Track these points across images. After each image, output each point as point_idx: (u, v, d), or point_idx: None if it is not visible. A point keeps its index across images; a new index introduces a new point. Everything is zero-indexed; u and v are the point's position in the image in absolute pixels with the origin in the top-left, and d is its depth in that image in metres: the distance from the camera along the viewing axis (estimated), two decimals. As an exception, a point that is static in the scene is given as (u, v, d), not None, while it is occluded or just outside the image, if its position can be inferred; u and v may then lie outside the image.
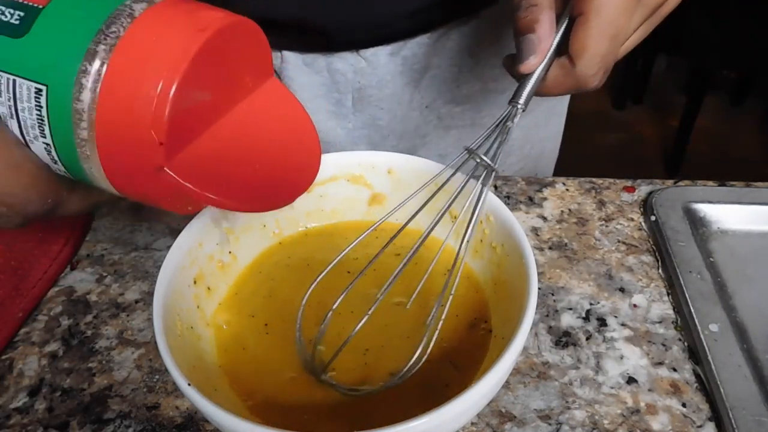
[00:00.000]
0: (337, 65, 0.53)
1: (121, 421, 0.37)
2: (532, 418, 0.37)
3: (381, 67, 0.54)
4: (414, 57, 0.54)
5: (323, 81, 0.55)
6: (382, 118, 0.57)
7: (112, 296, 0.45)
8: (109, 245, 0.49)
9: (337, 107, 0.56)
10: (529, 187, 0.53)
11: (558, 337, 0.41)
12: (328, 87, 0.55)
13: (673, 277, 0.44)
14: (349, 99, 0.56)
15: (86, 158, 0.27)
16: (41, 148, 0.28)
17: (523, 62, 0.35)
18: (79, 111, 0.26)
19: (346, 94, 0.55)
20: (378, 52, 0.53)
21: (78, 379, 0.40)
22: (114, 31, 0.25)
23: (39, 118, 0.27)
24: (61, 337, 0.42)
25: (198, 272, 0.37)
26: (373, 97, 0.56)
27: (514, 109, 0.36)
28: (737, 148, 2.01)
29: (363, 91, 0.55)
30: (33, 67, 0.26)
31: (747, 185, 0.51)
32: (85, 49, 0.25)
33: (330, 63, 0.53)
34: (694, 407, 0.37)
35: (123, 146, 0.26)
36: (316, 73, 0.54)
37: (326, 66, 0.53)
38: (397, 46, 0.53)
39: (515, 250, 0.36)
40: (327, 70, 0.54)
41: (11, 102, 0.27)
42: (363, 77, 0.54)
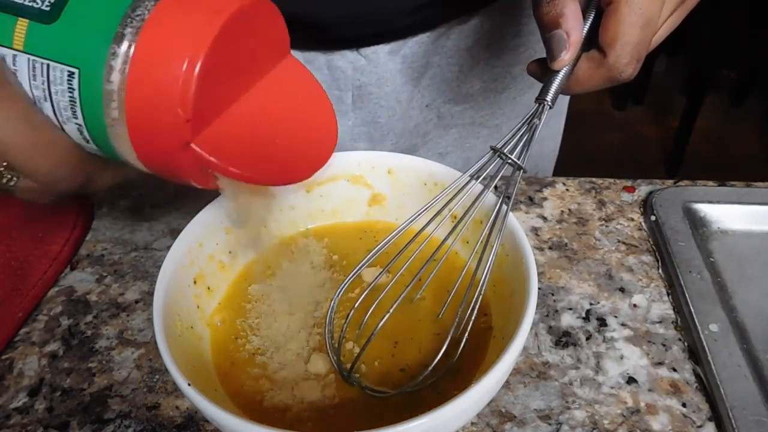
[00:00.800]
0: (337, 63, 0.53)
1: (121, 421, 0.37)
2: (532, 418, 0.37)
3: (381, 65, 0.54)
4: (414, 55, 0.54)
5: (323, 78, 0.55)
6: (382, 116, 0.57)
7: (112, 296, 0.45)
8: (109, 245, 0.49)
9: (337, 104, 0.56)
10: (529, 187, 0.53)
11: (558, 337, 0.41)
12: (328, 84, 0.55)
13: (673, 277, 0.44)
14: (349, 96, 0.56)
15: (116, 137, 0.28)
16: (74, 128, 0.29)
17: (556, 59, 0.35)
18: (110, 92, 0.27)
19: (346, 91, 0.55)
20: (378, 50, 0.53)
21: (78, 379, 0.40)
22: (139, 14, 0.26)
23: (71, 99, 0.28)
24: (61, 337, 0.42)
25: (198, 272, 0.37)
26: (373, 95, 0.56)
27: (541, 106, 0.36)
28: (737, 148, 2.01)
29: (363, 89, 0.55)
30: (65, 51, 0.27)
31: (747, 185, 0.51)
32: (114, 32, 0.26)
33: (330, 60, 0.53)
34: (694, 407, 0.37)
35: (152, 124, 0.27)
36: (316, 71, 0.54)
37: (326, 63, 0.54)
38: (397, 45, 0.53)
39: (515, 250, 0.36)
40: (327, 68, 0.54)
41: (45, 85, 0.28)
42: (363, 75, 0.54)
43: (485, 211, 0.38)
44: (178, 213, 0.52)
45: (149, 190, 0.54)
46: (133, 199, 0.53)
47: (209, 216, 0.38)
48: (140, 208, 0.52)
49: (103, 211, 0.52)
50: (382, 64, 0.54)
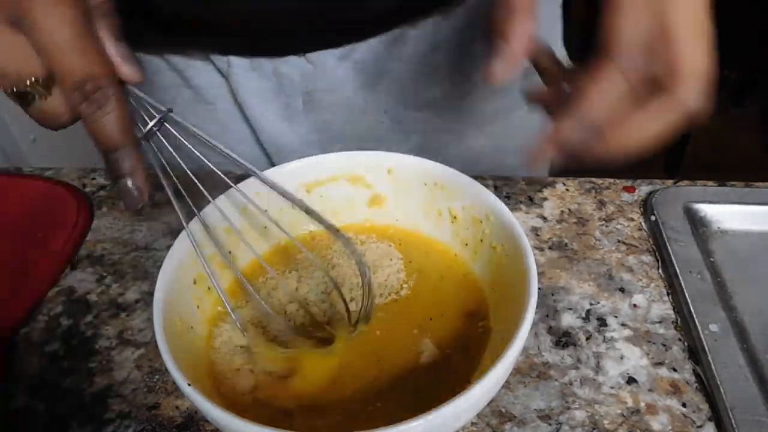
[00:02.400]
0: (283, 69, 0.52)
1: (121, 421, 0.37)
2: (532, 418, 0.37)
3: (329, 71, 0.52)
4: (365, 62, 0.53)
5: (271, 86, 0.54)
6: (334, 123, 0.56)
7: (112, 296, 0.45)
8: (109, 245, 0.49)
9: (287, 111, 0.55)
10: (529, 187, 0.53)
11: (558, 337, 0.41)
12: (276, 92, 0.54)
13: (673, 277, 0.44)
14: (299, 102, 0.55)
15: None
16: None
17: (488, 72, 0.32)
18: None
19: (295, 98, 0.54)
20: (325, 55, 0.51)
21: (78, 379, 0.40)
22: None
23: None
24: (61, 337, 0.42)
25: (198, 273, 0.37)
26: (323, 101, 0.54)
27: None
28: (737, 148, 2.01)
29: (312, 95, 0.54)
30: None
31: (747, 185, 0.51)
32: None
33: (276, 67, 0.52)
34: (694, 407, 0.37)
35: None
36: (263, 78, 0.53)
37: (273, 70, 0.52)
38: (346, 50, 0.52)
39: (515, 251, 0.36)
40: (274, 75, 0.53)
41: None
42: (311, 81, 0.53)
43: (484, 211, 0.38)
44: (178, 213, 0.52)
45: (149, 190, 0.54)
46: (133, 199, 0.53)
47: (209, 216, 0.38)
48: (140, 208, 0.52)
49: (103, 211, 0.52)
50: (331, 69, 0.52)
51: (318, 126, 0.57)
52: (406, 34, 0.52)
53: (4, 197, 0.53)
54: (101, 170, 0.57)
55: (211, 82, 0.55)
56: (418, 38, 0.52)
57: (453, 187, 0.40)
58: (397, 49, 0.53)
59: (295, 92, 0.54)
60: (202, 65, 0.54)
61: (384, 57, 0.53)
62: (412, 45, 0.53)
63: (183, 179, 0.37)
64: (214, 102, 0.57)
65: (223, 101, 0.57)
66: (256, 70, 0.52)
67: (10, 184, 0.54)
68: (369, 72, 0.53)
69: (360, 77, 0.54)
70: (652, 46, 0.31)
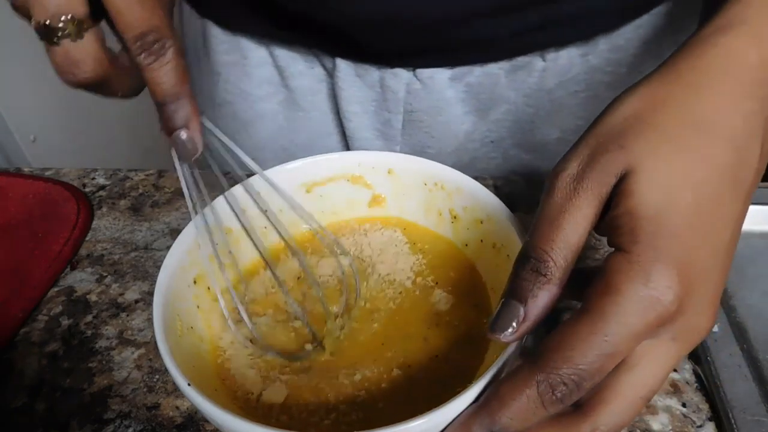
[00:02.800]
0: (389, 81, 0.50)
1: (121, 421, 0.37)
2: (532, 418, 0.37)
3: (437, 92, 0.49)
4: (480, 86, 0.49)
5: (374, 97, 0.51)
6: (432, 146, 0.53)
7: (112, 296, 0.45)
8: (109, 245, 0.49)
9: (385, 127, 0.53)
10: (529, 187, 0.53)
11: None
12: (378, 104, 0.52)
13: (673, 277, 0.44)
14: (399, 121, 0.52)
15: None
16: None
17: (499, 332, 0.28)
18: None
19: (396, 114, 0.52)
20: (437, 74, 0.49)
21: (78, 379, 0.40)
22: None
23: None
24: (61, 337, 0.42)
25: (198, 273, 0.37)
26: (425, 122, 0.52)
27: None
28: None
29: (413, 114, 0.51)
30: None
31: (747, 185, 0.51)
32: None
33: (383, 78, 0.50)
34: (694, 407, 0.37)
35: None
36: (367, 87, 0.51)
37: (378, 80, 0.50)
38: (461, 72, 0.49)
39: (516, 251, 0.35)
40: (379, 85, 0.50)
41: None
42: (416, 99, 0.50)
43: (485, 211, 0.38)
44: (178, 213, 0.52)
45: (149, 190, 0.54)
46: (133, 199, 0.53)
47: (209, 217, 0.38)
48: (140, 208, 0.52)
49: (103, 211, 0.52)
50: (439, 90, 0.49)
51: (414, 147, 0.54)
52: (531, 64, 0.49)
53: (4, 197, 0.53)
54: (101, 170, 0.57)
55: (311, 87, 0.54)
56: (546, 71, 0.49)
57: (453, 188, 0.40)
58: (518, 78, 0.49)
59: (397, 108, 0.51)
60: (306, 68, 0.53)
61: (502, 85, 0.50)
62: (537, 77, 0.49)
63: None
64: (308, 110, 0.55)
65: (318, 110, 0.55)
66: (362, 77, 0.51)
67: (10, 184, 0.54)
68: (482, 98, 0.50)
69: (471, 102, 0.51)
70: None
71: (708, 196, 0.26)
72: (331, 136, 0.56)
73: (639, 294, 0.24)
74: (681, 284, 0.25)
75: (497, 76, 0.49)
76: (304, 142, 0.57)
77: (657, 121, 0.27)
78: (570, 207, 0.27)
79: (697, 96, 0.27)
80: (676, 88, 0.28)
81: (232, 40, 0.54)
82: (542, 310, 0.27)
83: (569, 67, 0.49)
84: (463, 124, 0.52)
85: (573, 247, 0.27)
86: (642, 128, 0.27)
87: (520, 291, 0.27)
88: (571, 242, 0.27)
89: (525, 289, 0.27)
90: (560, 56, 0.48)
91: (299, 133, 0.57)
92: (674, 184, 0.25)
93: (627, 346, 0.25)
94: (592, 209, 0.27)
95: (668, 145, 0.26)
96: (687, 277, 0.25)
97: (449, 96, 0.50)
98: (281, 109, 0.56)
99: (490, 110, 0.51)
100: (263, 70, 0.54)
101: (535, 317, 0.27)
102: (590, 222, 0.27)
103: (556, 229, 0.27)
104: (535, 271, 0.27)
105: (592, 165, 0.27)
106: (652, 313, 0.24)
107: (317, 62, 0.52)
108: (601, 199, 0.27)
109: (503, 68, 0.49)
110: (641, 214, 0.25)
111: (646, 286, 0.24)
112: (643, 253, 0.25)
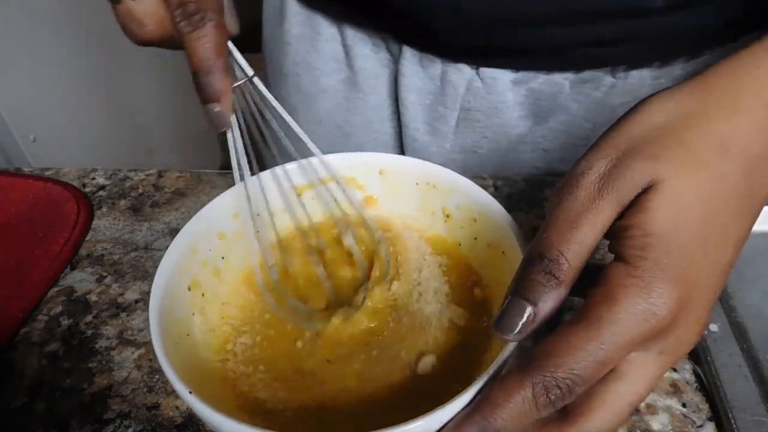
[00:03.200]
0: (451, 76, 0.49)
1: (121, 421, 0.37)
2: (532, 418, 0.37)
3: (498, 93, 0.49)
4: (542, 92, 0.48)
5: (433, 89, 0.51)
6: (484, 146, 0.53)
7: (112, 296, 0.45)
8: (109, 245, 0.49)
9: (438, 123, 0.53)
10: (529, 187, 0.53)
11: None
12: (436, 98, 0.51)
13: (673, 277, 0.44)
14: (454, 118, 0.52)
15: None
16: None
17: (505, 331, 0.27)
18: None
19: (452, 111, 0.51)
20: (500, 75, 0.48)
21: (78, 379, 0.40)
22: None
23: None
24: (61, 337, 0.42)
25: (192, 279, 0.37)
26: (480, 122, 0.51)
27: None
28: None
29: (470, 113, 0.51)
30: None
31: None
32: None
33: (445, 72, 0.49)
34: (694, 407, 0.37)
35: None
36: (428, 78, 0.51)
37: (441, 74, 0.50)
38: (525, 76, 0.48)
39: (511, 249, 0.35)
40: (441, 79, 0.50)
41: None
42: (474, 98, 0.50)
43: (478, 209, 0.38)
44: (178, 213, 0.52)
45: (149, 190, 0.54)
46: (133, 199, 0.53)
47: (201, 222, 0.38)
48: (140, 208, 0.52)
49: (103, 211, 0.52)
50: (501, 91, 0.49)
51: (465, 146, 0.54)
52: (600, 78, 0.48)
53: (4, 197, 0.53)
54: (101, 170, 0.57)
55: (374, 71, 0.54)
56: (613, 87, 0.48)
57: (446, 186, 0.40)
58: (583, 90, 0.48)
59: (454, 105, 0.51)
60: (372, 51, 0.53)
61: (565, 95, 0.49)
62: (603, 93, 0.48)
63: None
64: (367, 92, 0.55)
65: (377, 95, 0.55)
66: (425, 68, 0.50)
67: (10, 184, 0.54)
68: (542, 105, 0.50)
69: (531, 106, 0.50)
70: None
71: (717, 218, 0.26)
72: (385, 122, 0.57)
73: (638, 307, 0.25)
74: (678, 301, 0.25)
75: (561, 85, 0.48)
76: (359, 124, 0.57)
77: (686, 137, 0.27)
78: (592, 207, 0.26)
79: (726, 119, 0.27)
80: (709, 106, 0.27)
81: (307, 14, 0.55)
82: (551, 311, 0.27)
83: (639, 87, 0.48)
84: (516, 127, 0.51)
85: (588, 249, 0.27)
86: (671, 142, 0.26)
87: (531, 291, 0.27)
88: (587, 244, 0.26)
89: (536, 290, 0.27)
90: (631, 75, 0.47)
91: (356, 114, 0.57)
92: (688, 203, 0.26)
93: (620, 356, 0.25)
94: (612, 213, 0.26)
95: (690, 164, 0.26)
96: (684, 294, 0.25)
97: (509, 98, 0.49)
98: (342, 87, 0.57)
99: (548, 118, 0.51)
100: (331, 46, 0.55)
101: (543, 319, 0.27)
102: (607, 226, 0.27)
103: (575, 229, 0.26)
104: (548, 273, 0.26)
105: (620, 169, 0.26)
106: (647, 326, 0.25)
107: (384, 47, 0.53)
108: (622, 206, 0.26)
109: (569, 78, 0.48)
110: (654, 231, 0.25)
111: (645, 300, 0.25)
112: (648, 270, 0.25)
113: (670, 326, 0.25)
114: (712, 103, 0.27)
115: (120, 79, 1.45)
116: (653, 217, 0.25)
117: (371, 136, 0.58)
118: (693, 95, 0.28)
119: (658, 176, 0.26)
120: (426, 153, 0.55)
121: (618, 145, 0.27)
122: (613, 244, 0.27)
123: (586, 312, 0.25)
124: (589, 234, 0.26)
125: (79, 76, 1.38)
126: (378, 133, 0.57)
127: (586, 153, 0.28)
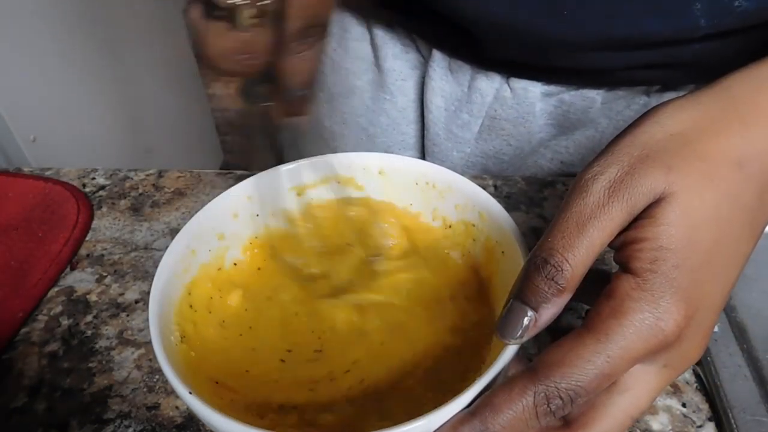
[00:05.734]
0: (479, 83, 0.48)
1: (121, 421, 0.37)
2: (532, 418, 0.37)
3: (527, 104, 0.48)
4: (572, 105, 0.48)
5: (460, 95, 0.50)
6: (506, 153, 0.52)
7: (112, 296, 0.45)
8: (109, 245, 0.49)
9: (461, 130, 0.52)
10: (529, 187, 0.53)
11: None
12: (461, 104, 0.51)
13: (673, 277, 0.44)
14: (477, 125, 0.51)
15: None
16: None
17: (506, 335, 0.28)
18: None
19: (477, 119, 0.51)
20: (530, 86, 0.47)
21: (78, 379, 0.40)
22: None
23: None
24: (61, 337, 0.42)
25: (191, 280, 0.37)
26: (505, 130, 0.51)
27: None
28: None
29: (495, 121, 0.50)
30: None
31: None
32: None
33: (474, 78, 0.49)
34: (694, 407, 0.37)
35: None
36: (456, 84, 0.50)
37: (469, 80, 0.49)
38: (555, 89, 0.47)
39: (511, 248, 0.35)
40: (468, 85, 0.49)
41: None
42: (502, 107, 0.49)
43: (477, 209, 0.38)
44: (177, 213, 0.52)
45: (149, 190, 0.54)
46: (133, 199, 0.53)
47: (201, 222, 0.38)
48: (140, 208, 0.52)
49: (103, 211, 0.52)
50: (529, 103, 0.48)
51: (487, 151, 0.53)
52: (633, 96, 0.47)
53: (4, 197, 0.53)
54: (101, 170, 0.57)
55: (402, 72, 0.53)
56: (646, 106, 0.47)
57: (445, 186, 0.40)
58: (615, 107, 0.48)
59: (480, 112, 0.50)
60: (401, 51, 0.53)
61: (596, 109, 0.48)
62: (635, 111, 0.47)
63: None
64: (394, 94, 0.55)
65: (403, 97, 0.55)
66: (454, 73, 0.50)
67: (10, 184, 0.54)
68: (571, 117, 0.49)
69: (559, 117, 0.49)
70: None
71: (728, 238, 0.26)
72: (411, 125, 0.56)
73: (645, 322, 0.24)
74: (685, 317, 0.25)
75: (593, 100, 0.48)
76: (385, 126, 0.57)
77: (704, 149, 0.26)
78: (601, 213, 0.26)
79: (746, 134, 0.26)
80: (731, 118, 0.27)
81: (335, 12, 0.55)
82: (552, 317, 0.27)
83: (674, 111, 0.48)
84: (540, 132, 0.51)
85: (593, 255, 0.26)
86: (688, 154, 0.26)
87: (533, 297, 0.27)
88: (592, 250, 0.26)
89: (538, 296, 0.26)
90: (665, 95, 0.46)
91: (381, 116, 0.57)
92: (702, 221, 0.25)
93: (624, 369, 0.25)
94: (621, 221, 0.26)
95: (707, 181, 0.26)
96: (692, 310, 0.25)
97: (537, 108, 0.49)
98: (369, 88, 0.56)
99: (575, 130, 0.50)
100: (360, 46, 0.55)
101: (544, 324, 0.27)
102: (615, 233, 0.26)
103: (581, 235, 0.26)
104: (550, 279, 0.26)
105: (633, 176, 0.26)
106: (654, 341, 0.25)
107: (413, 48, 0.52)
108: (632, 214, 0.26)
109: (601, 94, 0.47)
110: (667, 245, 0.25)
111: (653, 315, 0.25)
112: (657, 284, 0.25)
113: (676, 341, 0.25)
114: (735, 117, 0.27)
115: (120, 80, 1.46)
116: (666, 231, 0.25)
117: (397, 138, 0.57)
118: (714, 105, 0.27)
119: (671, 188, 0.25)
120: (446, 157, 0.55)
121: (631, 151, 0.27)
122: (621, 255, 0.26)
123: (594, 324, 0.25)
124: (595, 241, 0.26)
125: (79, 77, 1.38)
126: (404, 135, 0.57)
127: (597, 157, 0.28)
